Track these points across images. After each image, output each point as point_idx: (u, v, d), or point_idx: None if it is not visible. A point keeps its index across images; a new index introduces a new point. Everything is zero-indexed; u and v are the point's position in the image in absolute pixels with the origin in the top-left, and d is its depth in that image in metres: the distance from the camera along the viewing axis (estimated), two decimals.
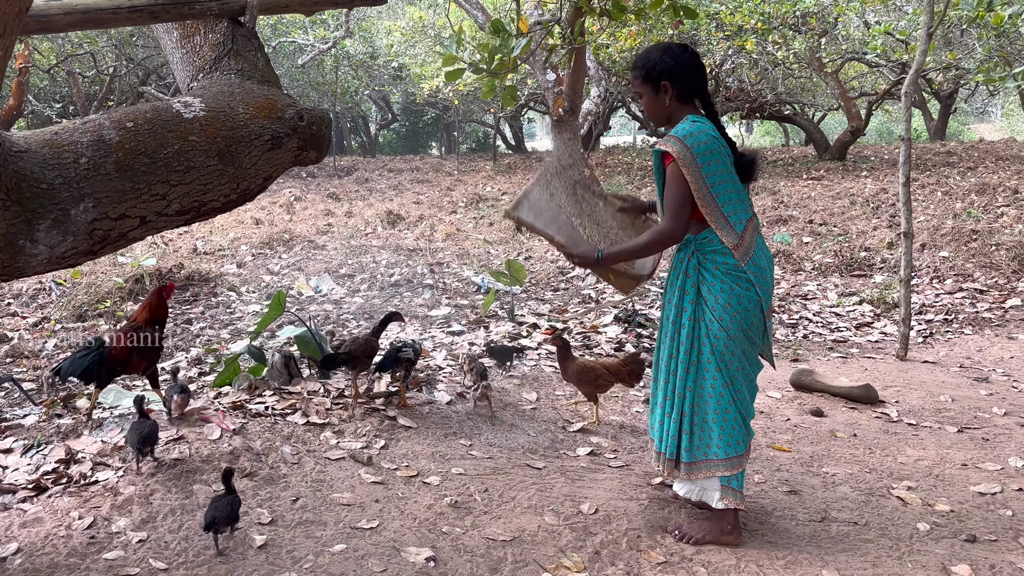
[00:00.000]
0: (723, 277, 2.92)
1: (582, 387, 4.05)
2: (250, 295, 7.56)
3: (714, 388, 2.95)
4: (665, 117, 3.06)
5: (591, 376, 3.98)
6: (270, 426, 3.49)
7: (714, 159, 2.90)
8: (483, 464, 3.42)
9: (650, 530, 3.00)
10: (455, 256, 9.14)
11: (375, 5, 4.16)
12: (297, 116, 3.32)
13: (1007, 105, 32.42)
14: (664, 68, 2.99)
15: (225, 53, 3.51)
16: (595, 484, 3.33)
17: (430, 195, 15.20)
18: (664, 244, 2.96)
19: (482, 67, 5.03)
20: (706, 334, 2.94)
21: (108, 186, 2.82)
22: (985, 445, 4.09)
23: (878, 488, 3.55)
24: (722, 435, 2.95)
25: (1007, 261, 7.63)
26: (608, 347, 5.26)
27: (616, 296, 6.72)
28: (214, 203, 3.18)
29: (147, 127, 2.94)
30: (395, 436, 3.59)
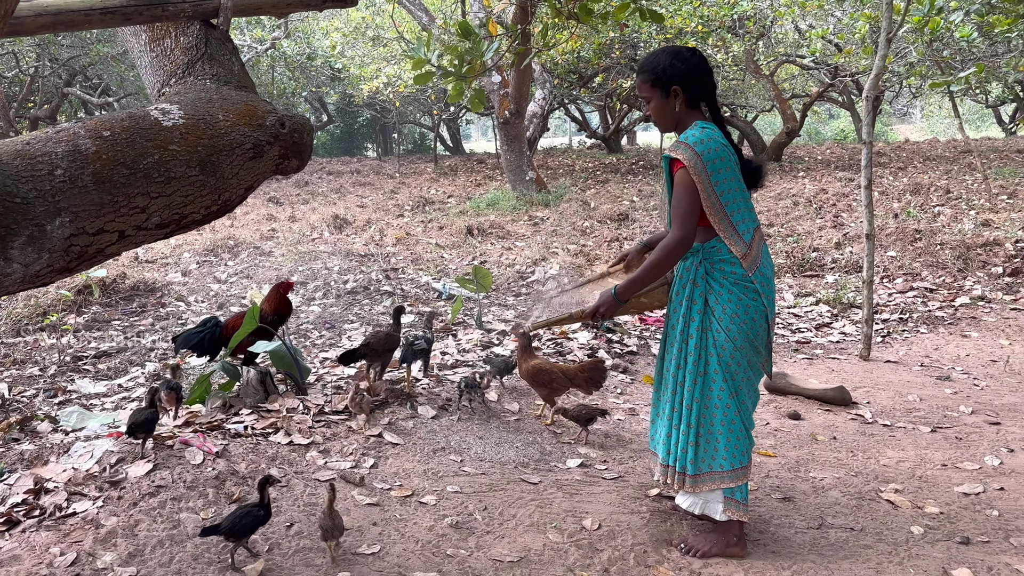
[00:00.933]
0: (731, 287, 2.89)
1: (537, 388, 4.02)
2: (199, 305, 7.31)
3: (720, 399, 2.92)
4: (673, 122, 3.01)
5: (545, 378, 3.94)
6: (252, 447, 3.34)
7: (724, 167, 2.86)
8: (478, 481, 3.33)
9: (656, 544, 2.96)
10: (409, 261, 9.00)
11: (346, 7, 4.04)
12: (279, 123, 3.19)
13: (927, 107, 33.58)
14: (675, 72, 2.94)
15: (199, 57, 3.35)
16: (593, 498, 3.27)
17: (374, 198, 14.99)
18: (676, 254, 2.89)
19: (450, 70, 4.94)
20: (713, 344, 2.91)
21: (85, 199, 2.66)
22: (959, 444, 4.16)
23: (867, 492, 3.57)
24: (728, 447, 2.92)
25: (952, 260, 7.84)
26: (581, 353, 5.21)
27: None
28: (195, 215, 3.03)
29: (124, 136, 2.78)
30: (383, 454, 3.48)
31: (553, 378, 3.98)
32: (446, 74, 4.90)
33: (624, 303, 3.03)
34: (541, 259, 8.62)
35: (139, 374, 5.16)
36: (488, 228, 10.81)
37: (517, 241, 10.28)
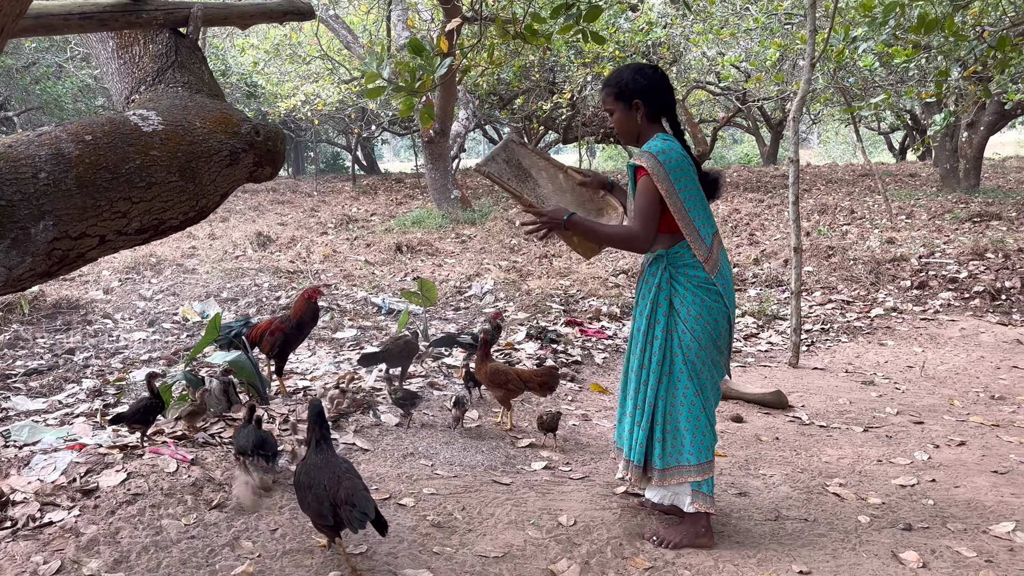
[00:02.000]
0: (694, 290, 3.05)
1: (493, 390, 4.13)
2: (127, 322, 7.13)
3: (686, 397, 3.07)
4: (635, 135, 3.17)
5: (502, 379, 4.06)
6: (224, 455, 3.33)
7: (684, 175, 3.03)
8: (452, 483, 3.39)
9: (630, 538, 3.08)
10: (341, 277, 8.97)
11: (305, 20, 4.10)
12: (253, 131, 3.22)
13: (824, 133, 35.19)
14: (637, 87, 3.10)
15: (169, 65, 3.35)
16: (565, 496, 3.38)
17: (294, 216, 14.83)
18: (628, 246, 3.05)
19: (402, 85, 5.02)
20: (678, 345, 3.06)
21: (69, 203, 2.64)
22: (890, 442, 4.44)
23: (814, 486, 3.78)
24: (694, 442, 3.07)
25: (865, 274, 8.30)
26: (530, 363, 5.33)
27: (520, 314, 6.81)
28: (173, 221, 3.03)
29: (107, 140, 2.77)
30: (355, 459, 3.51)
31: (509, 379, 4.09)
32: (397, 88, 4.98)
33: (566, 232, 3.13)
34: (475, 275, 8.72)
35: (77, 391, 5.02)
36: (417, 245, 10.85)
37: (447, 258, 10.36)
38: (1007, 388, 5.48)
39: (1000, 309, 7.28)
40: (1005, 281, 7.79)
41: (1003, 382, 5.62)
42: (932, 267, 8.50)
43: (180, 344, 6.18)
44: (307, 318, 4.29)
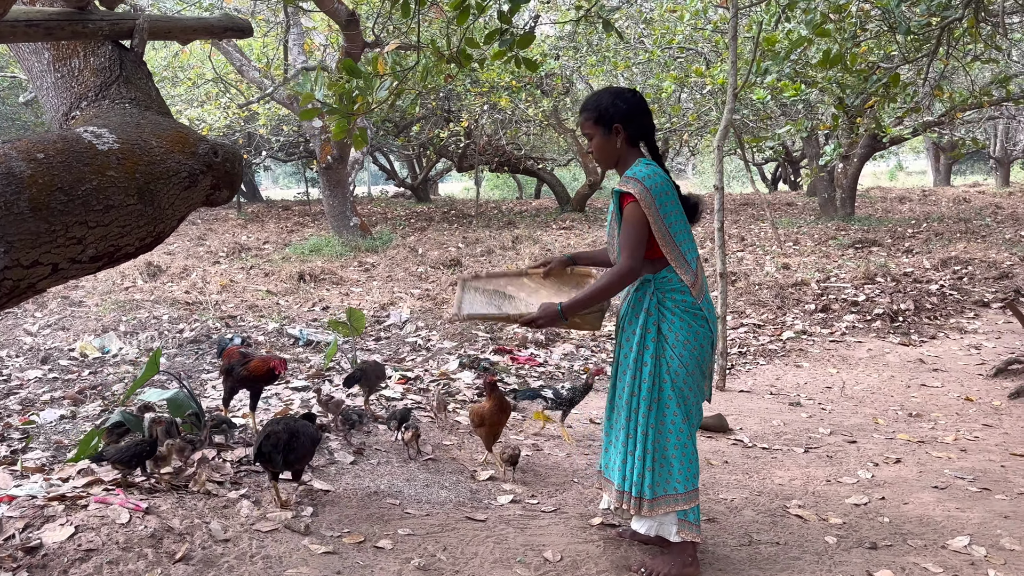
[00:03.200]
0: (682, 315, 3.03)
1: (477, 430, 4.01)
2: (15, 360, 6.58)
3: (674, 424, 3.04)
4: (614, 159, 3.14)
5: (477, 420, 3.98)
6: (177, 501, 3.06)
7: (669, 200, 3.02)
8: (426, 522, 3.23)
9: (618, 571, 3.01)
10: (244, 308, 8.58)
11: (244, 37, 3.92)
12: (211, 151, 3.02)
13: (700, 164, 36.58)
14: (617, 111, 3.07)
15: (113, 80, 3.11)
16: (542, 531, 3.28)
17: (181, 244, 14.17)
18: (624, 282, 3.01)
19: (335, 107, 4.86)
20: (667, 371, 3.03)
21: (22, 228, 2.39)
22: (832, 462, 4.54)
23: (775, 508, 3.82)
24: (681, 469, 3.04)
25: (771, 299, 8.58)
26: (469, 392, 5.20)
27: (446, 342, 6.67)
28: (129, 248, 2.79)
29: (60, 159, 2.53)
30: (318, 500, 3.30)
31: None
32: (332, 111, 4.81)
33: (566, 320, 3.09)
34: (389, 303, 8.52)
35: None
36: (320, 274, 10.53)
37: (353, 287, 10.10)
38: (920, 406, 5.73)
39: (900, 330, 7.65)
40: (900, 304, 8.20)
41: (915, 400, 5.87)
42: (831, 291, 8.87)
43: (83, 382, 5.74)
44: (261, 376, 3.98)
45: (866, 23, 7.18)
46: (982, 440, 4.98)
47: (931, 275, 9.64)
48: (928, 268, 10.21)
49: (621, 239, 3.02)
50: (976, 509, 3.85)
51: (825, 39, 6.86)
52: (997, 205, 18.01)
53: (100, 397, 5.38)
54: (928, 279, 9.34)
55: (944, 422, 5.36)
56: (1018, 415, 5.46)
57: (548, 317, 3.07)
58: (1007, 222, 15.10)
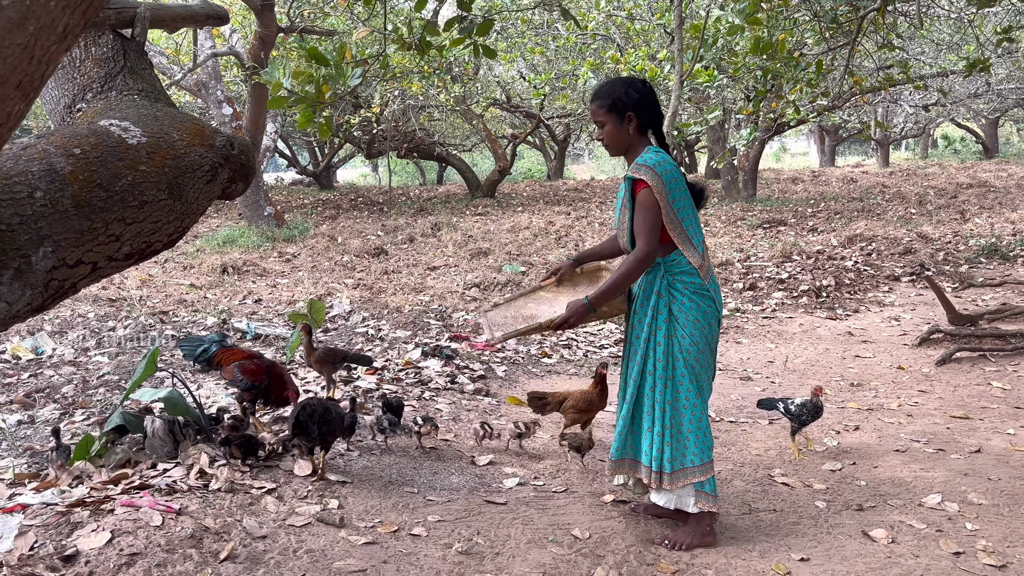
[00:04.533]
0: (691, 295, 3.16)
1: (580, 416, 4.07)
2: None
3: (688, 399, 3.18)
4: (625, 147, 3.24)
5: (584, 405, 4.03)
6: (203, 500, 3.00)
7: (678, 187, 3.14)
8: (451, 508, 3.27)
9: (644, 544, 3.13)
10: (172, 304, 8.31)
11: (222, 24, 3.85)
12: (228, 144, 2.97)
13: (597, 149, 37.23)
14: (630, 100, 3.17)
15: (118, 70, 3.02)
16: (563, 511, 3.37)
17: None
18: (642, 266, 3.13)
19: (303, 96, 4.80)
20: (679, 350, 3.16)
21: (67, 226, 2.32)
22: None
23: (761, 478, 4.02)
24: (696, 443, 3.18)
25: None
26: (441, 380, 5.23)
27: (400, 331, 6.65)
28: (158, 244, 2.73)
29: (96, 155, 2.46)
30: (339, 493, 3.28)
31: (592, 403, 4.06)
32: (299, 100, 4.75)
33: (594, 312, 3.20)
34: (327, 294, 8.40)
35: None
36: (242, 266, 10.28)
37: (279, 278, 9.90)
38: (859, 376, 6.09)
39: (825, 305, 8.08)
40: (822, 280, 8.65)
41: (853, 370, 6.24)
42: (755, 270, 9.27)
43: (26, 385, 5.48)
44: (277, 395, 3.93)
45: (794, 12, 7.51)
46: (922, 405, 5.35)
47: (842, 252, 10.18)
48: (836, 245, 10.77)
49: (636, 224, 3.12)
50: (938, 469, 4.16)
51: (756, 27, 7.14)
52: (883, 185, 19.08)
53: (51, 400, 5.15)
54: (841, 256, 9.87)
55: (884, 390, 5.72)
56: (947, 380, 5.88)
57: (577, 314, 3.16)
58: (895, 200, 16.04)
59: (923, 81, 10.28)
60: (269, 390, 3.96)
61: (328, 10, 11.43)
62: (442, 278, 9.50)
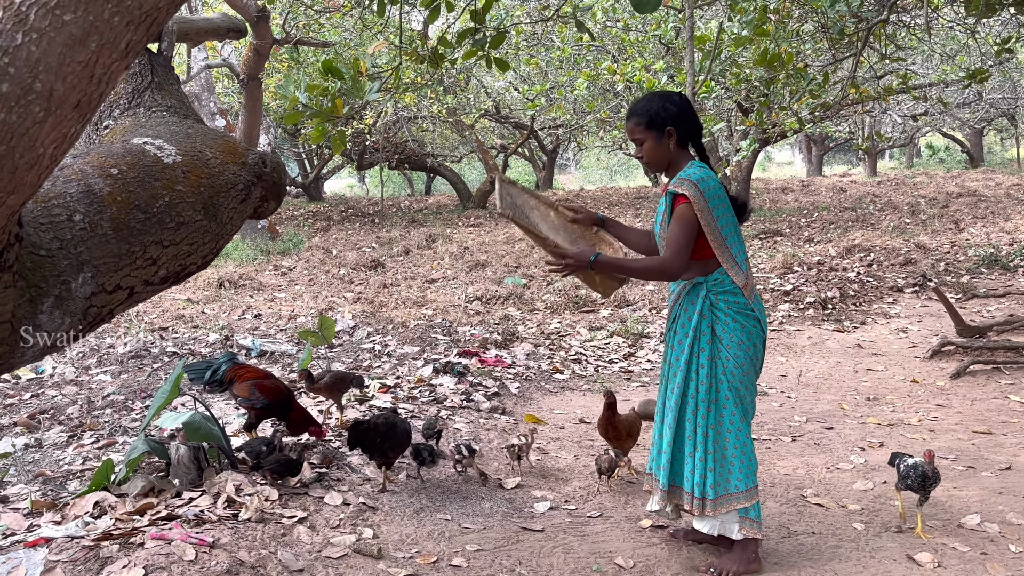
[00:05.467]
0: (735, 316, 3.08)
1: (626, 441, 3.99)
2: None
3: (732, 423, 3.09)
4: (667, 162, 3.16)
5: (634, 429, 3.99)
6: (234, 531, 2.89)
7: (721, 203, 3.07)
8: (488, 536, 3.17)
9: (689, 572, 3.05)
10: (170, 319, 8.16)
11: (240, 37, 3.76)
12: (260, 161, 2.87)
13: (584, 159, 37.26)
14: (668, 114, 3.09)
15: (145, 86, 2.91)
16: (601, 537, 3.27)
17: None
18: (662, 276, 3.07)
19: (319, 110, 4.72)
20: (723, 372, 3.08)
21: (106, 250, 2.21)
22: (822, 449, 4.73)
23: (794, 498, 3.94)
24: (741, 468, 3.10)
25: None
26: (457, 398, 5.13)
27: (407, 347, 6.54)
28: (193, 266, 2.63)
29: (133, 175, 2.36)
30: (371, 521, 3.18)
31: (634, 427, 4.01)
32: (315, 114, 4.66)
33: (590, 271, 3.09)
34: (328, 309, 8.28)
35: None
36: (238, 280, 10.13)
37: (276, 292, 9.77)
38: (874, 390, 6.04)
39: (832, 317, 8.04)
40: (826, 292, 8.62)
41: (867, 384, 6.19)
42: (759, 281, 9.22)
43: (29, 406, 5.33)
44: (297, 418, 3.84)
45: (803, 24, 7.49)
46: (942, 420, 5.30)
47: (842, 263, 10.16)
48: (835, 256, 10.75)
49: (668, 236, 3.04)
50: (971, 487, 4.09)
51: (763, 38, 7.11)
52: (873, 194, 19.14)
53: (57, 422, 5.01)
54: (843, 267, 9.84)
55: (901, 404, 5.67)
56: (963, 394, 5.84)
57: (579, 262, 3.05)
58: (887, 210, 16.08)
59: (923, 91, 10.29)
60: (288, 414, 3.85)
61: (323, 21, 11.33)
62: (442, 291, 9.40)
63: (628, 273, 3.13)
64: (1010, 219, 13.74)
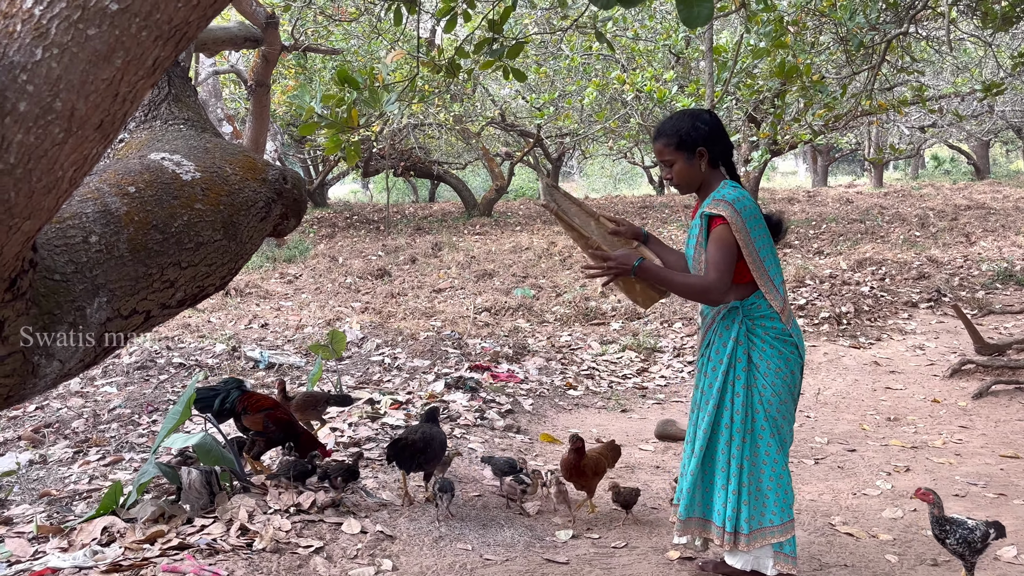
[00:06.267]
0: (772, 342, 2.97)
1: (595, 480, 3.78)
2: None
3: (768, 454, 2.97)
4: (698, 182, 3.05)
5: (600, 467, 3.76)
6: (248, 563, 2.77)
7: (758, 224, 2.96)
8: (512, 569, 3.04)
9: None
10: (178, 328, 8.04)
11: (256, 47, 3.65)
12: (281, 177, 2.76)
13: (588, 167, 37.18)
14: (699, 134, 2.98)
15: (162, 98, 2.80)
16: (630, 570, 3.15)
17: None
18: (703, 297, 2.95)
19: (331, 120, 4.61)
20: (759, 400, 2.96)
21: (122, 273, 2.09)
22: (845, 473, 4.61)
23: (821, 527, 3.82)
24: (777, 500, 2.98)
25: None
26: (471, 416, 5.01)
27: (417, 361, 6.42)
28: (211, 287, 2.51)
29: (151, 193, 2.24)
30: (389, 551, 3.05)
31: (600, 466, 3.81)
32: (330, 125, 4.56)
33: (631, 278, 2.97)
34: (335, 319, 8.17)
35: None
36: (244, 287, 10.03)
37: (282, 300, 9.66)
38: (894, 409, 5.91)
39: (847, 333, 7.91)
40: (841, 307, 8.49)
41: (886, 404, 6.06)
42: None
43: (33, 419, 5.22)
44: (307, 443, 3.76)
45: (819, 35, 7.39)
46: (967, 443, 5.18)
47: (854, 276, 10.04)
48: (846, 269, 10.63)
49: (710, 258, 2.93)
50: (1004, 517, 3.94)
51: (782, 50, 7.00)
52: (880, 206, 19.02)
53: (62, 436, 4.90)
54: (855, 281, 9.73)
55: (923, 425, 5.54)
56: (987, 415, 5.71)
57: (622, 265, 2.91)
58: (895, 222, 15.95)
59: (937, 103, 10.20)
60: (299, 438, 3.75)
61: (332, 29, 11.24)
62: (450, 301, 9.28)
63: (671, 286, 3.00)
64: (1021, 232, 13.62)
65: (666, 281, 2.98)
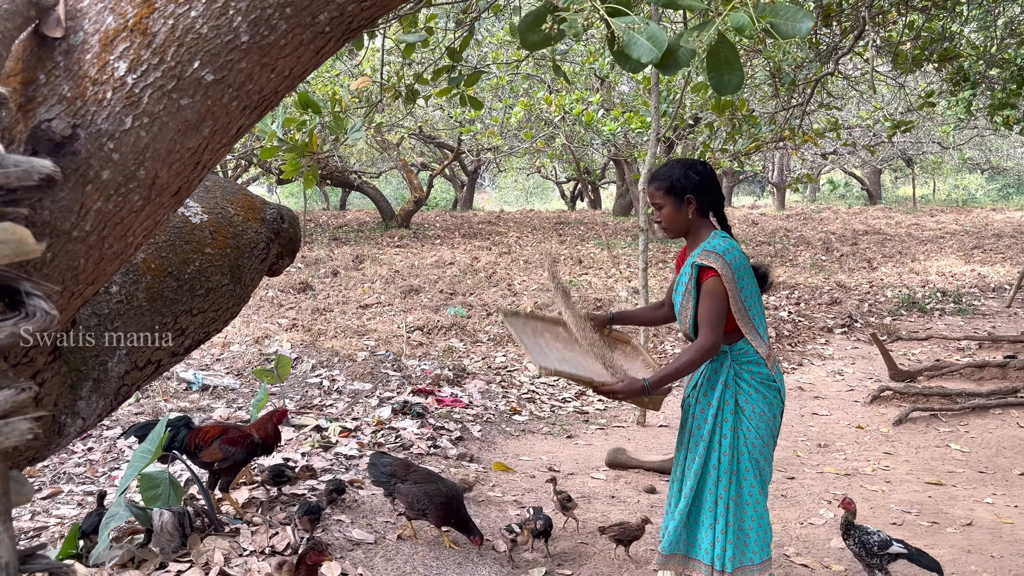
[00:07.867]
0: (758, 387, 3.08)
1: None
2: None
3: (751, 495, 3.07)
4: (685, 229, 3.14)
5: None
6: None
7: (746, 275, 3.06)
8: None
9: None
10: None
11: None
12: (279, 217, 2.71)
13: (501, 180, 37.39)
14: (689, 182, 3.08)
15: None
16: None
17: None
18: (706, 357, 3.03)
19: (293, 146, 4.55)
20: (744, 443, 3.06)
21: (140, 323, 2.04)
22: (789, 501, 4.78)
23: (778, 559, 3.94)
24: (757, 539, 3.08)
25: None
26: (423, 444, 4.98)
27: (357, 384, 6.33)
28: (214, 332, 2.46)
29: (164, 238, 2.18)
30: None
31: None
32: (291, 149, 4.49)
33: (648, 396, 3.06)
34: (263, 336, 7.97)
35: None
36: None
37: None
38: (822, 435, 6.17)
39: None
40: None
41: (815, 429, 6.32)
42: None
43: None
44: (270, 443, 3.67)
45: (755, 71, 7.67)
46: (893, 469, 5.44)
47: (771, 300, 10.42)
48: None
49: (702, 314, 3.02)
50: (940, 546, 4.19)
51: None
52: (785, 228, 19.79)
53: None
54: (773, 306, 10.10)
55: (851, 451, 5.80)
56: (907, 441, 6.02)
57: (631, 392, 3.02)
58: (801, 245, 16.64)
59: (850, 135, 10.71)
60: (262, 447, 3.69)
61: None
62: (380, 319, 9.18)
63: (678, 375, 3.08)
64: (916, 259, 14.41)
65: (673, 376, 3.06)
